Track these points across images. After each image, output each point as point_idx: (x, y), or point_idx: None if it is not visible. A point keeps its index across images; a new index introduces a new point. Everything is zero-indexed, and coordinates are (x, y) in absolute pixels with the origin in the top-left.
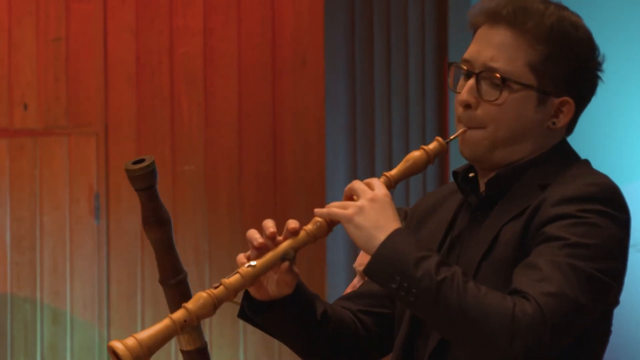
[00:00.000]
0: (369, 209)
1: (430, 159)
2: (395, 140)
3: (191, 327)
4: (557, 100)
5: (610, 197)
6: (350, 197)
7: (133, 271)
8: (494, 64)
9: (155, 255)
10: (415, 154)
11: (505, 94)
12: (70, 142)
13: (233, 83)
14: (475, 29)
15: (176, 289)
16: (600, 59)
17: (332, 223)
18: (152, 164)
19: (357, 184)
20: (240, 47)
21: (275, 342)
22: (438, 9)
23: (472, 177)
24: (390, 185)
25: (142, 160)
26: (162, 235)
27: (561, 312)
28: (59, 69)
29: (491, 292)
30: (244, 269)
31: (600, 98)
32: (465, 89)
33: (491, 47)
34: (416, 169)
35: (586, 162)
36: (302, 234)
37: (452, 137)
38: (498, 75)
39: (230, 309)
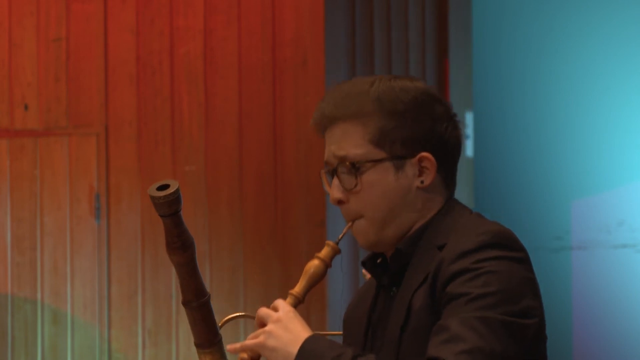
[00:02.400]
0: (277, 329)
1: (327, 264)
2: None
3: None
4: (414, 160)
5: (501, 241)
6: (262, 324)
7: (133, 271)
8: (341, 154)
9: (178, 279)
10: (313, 263)
11: (361, 177)
12: (70, 142)
13: (234, 83)
14: (323, 136)
15: (199, 311)
16: (446, 104)
17: (254, 358)
18: (177, 190)
19: (262, 311)
20: (241, 47)
21: None
22: (438, 9)
23: (380, 262)
24: (299, 301)
25: (166, 185)
26: (186, 260)
27: None
28: (59, 69)
29: None
30: None
31: (600, 99)
32: (332, 188)
33: (335, 142)
34: (318, 278)
35: (477, 215)
36: None
37: (340, 237)
38: (348, 163)
39: (231, 310)
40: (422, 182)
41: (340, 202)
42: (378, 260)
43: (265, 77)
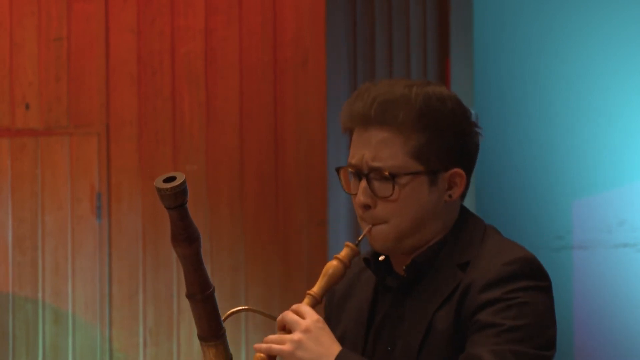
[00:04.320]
0: (306, 340)
1: (346, 265)
2: None
3: (220, 341)
4: (447, 175)
5: (529, 270)
6: (284, 327)
7: (134, 271)
8: (379, 164)
9: (183, 271)
10: (332, 264)
11: (397, 187)
12: (71, 142)
13: (234, 83)
14: (350, 132)
15: (203, 303)
16: (473, 118)
17: (272, 358)
18: (184, 183)
19: (289, 316)
20: (242, 47)
21: None
22: (440, 9)
23: (383, 260)
24: (317, 301)
25: (172, 178)
26: (191, 252)
27: None
28: (60, 69)
29: None
30: None
31: (601, 98)
32: (360, 192)
33: (371, 148)
34: (336, 279)
35: (493, 230)
36: None
37: (360, 239)
38: (386, 172)
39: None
40: (449, 196)
41: (366, 206)
42: (380, 258)
43: (266, 77)
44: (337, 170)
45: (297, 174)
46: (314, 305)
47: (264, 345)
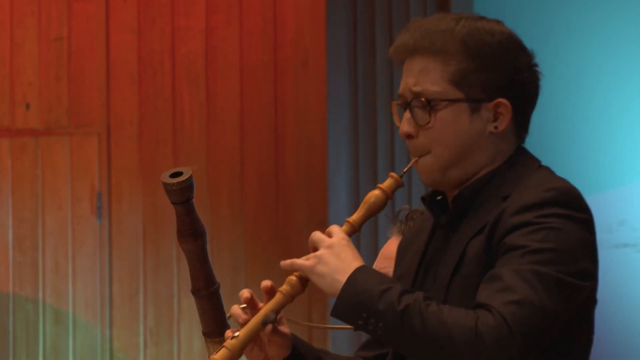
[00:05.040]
0: (328, 255)
1: (388, 195)
2: (397, 139)
3: None
4: (490, 105)
5: (567, 200)
6: (314, 249)
7: (135, 271)
8: (418, 89)
9: (188, 267)
10: (374, 193)
11: (435, 115)
12: (72, 142)
13: (235, 83)
14: (401, 65)
15: (208, 300)
16: (529, 53)
17: (303, 279)
18: (190, 178)
19: (316, 235)
20: (242, 47)
21: None
22: (440, 9)
23: (440, 199)
24: (355, 230)
25: (179, 173)
26: (197, 248)
27: (528, 320)
28: (60, 69)
29: (453, 310)
30: (229, 341)
31: (602, 98)
32: (403, 122)
33: (413, 75)
34: (377, 209)
35: (546, 169)
36: (278, 295)
37: (405, 170)
38: (423, 99)
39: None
40: (495, 127)
41: (409, 136)
42: (438, 198)
43: (266, 77)
44: (391, 103)
45: (297, 174)
46: (351, 234)
47: (288, 261)
